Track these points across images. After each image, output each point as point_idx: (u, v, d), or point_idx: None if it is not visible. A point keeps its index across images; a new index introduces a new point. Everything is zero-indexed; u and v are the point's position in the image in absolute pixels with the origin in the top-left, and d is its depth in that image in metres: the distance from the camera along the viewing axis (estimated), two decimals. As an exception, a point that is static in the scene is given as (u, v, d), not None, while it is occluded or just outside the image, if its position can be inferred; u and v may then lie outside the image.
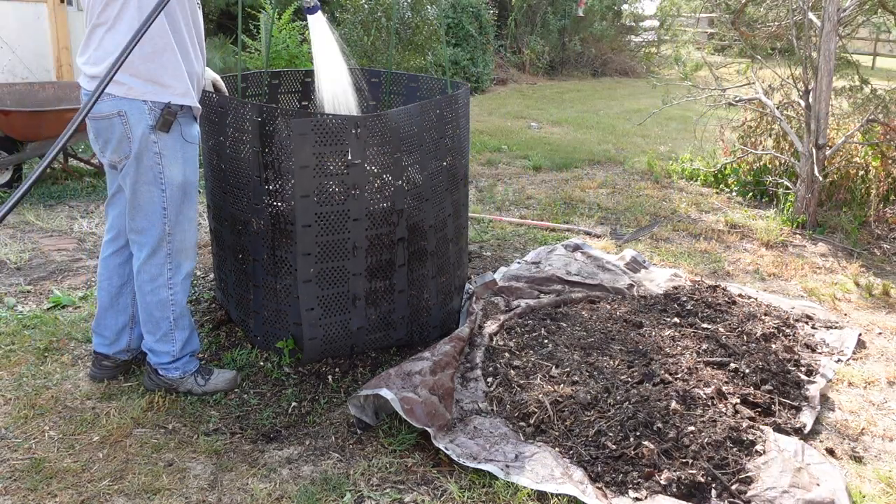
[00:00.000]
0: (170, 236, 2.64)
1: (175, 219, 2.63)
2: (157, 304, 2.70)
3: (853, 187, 5.49)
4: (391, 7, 8.71)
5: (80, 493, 2.26)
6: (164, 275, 2.68)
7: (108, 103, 2.47)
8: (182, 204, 2.64)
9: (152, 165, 2.54)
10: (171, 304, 2.71)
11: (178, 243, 2.67)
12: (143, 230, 2.63)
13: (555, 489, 2.29)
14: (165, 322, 2.73)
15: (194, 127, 2.64)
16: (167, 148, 2.54)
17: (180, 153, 2.58)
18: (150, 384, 2.82)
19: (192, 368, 2.81)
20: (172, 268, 2.69)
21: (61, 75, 6.69)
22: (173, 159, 2.57)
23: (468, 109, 3.34)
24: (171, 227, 2.63)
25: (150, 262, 2.66)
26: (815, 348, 3.35)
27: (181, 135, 2.57)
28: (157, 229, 2.62)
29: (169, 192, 2.59)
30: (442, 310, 3.30)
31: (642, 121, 8.62)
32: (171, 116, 2.49)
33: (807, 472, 2.36)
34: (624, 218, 5.34)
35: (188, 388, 2.80)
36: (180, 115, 2.54)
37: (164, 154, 2.54)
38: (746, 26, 6.34)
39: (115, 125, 2.51)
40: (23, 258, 4.08)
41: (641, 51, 17.81)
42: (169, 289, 2.70)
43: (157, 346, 2.75)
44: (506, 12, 14.65)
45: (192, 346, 2.84)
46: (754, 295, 3.91)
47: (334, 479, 2.36)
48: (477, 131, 8.36)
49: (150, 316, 2.72)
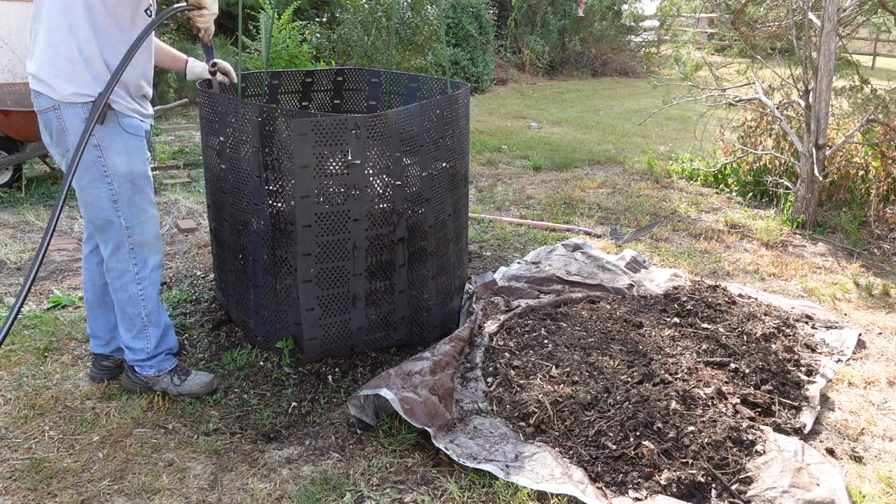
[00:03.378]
0: (128, 230, 2.61)
1: (129, 211, 2.60)
2: (128, 300, 2.68)
3: (853, 187, 5.49)
4: (391, 7, 8.71)
5: (80, 493, 2.26)
6: (131, 270, 2.66)
7: (44, 98, 2.47)
8: (133, 195, 2.60)
9: (93, 159, 2.51)
10: (142, 300, 2.69)
11: (139, 236, 2.64)
12: (101, 227, 2.61)
13: (555, 489, 2.29)
14: (138, 318, 2.71)
15: (135, 119, 2.60)
16: (106, 140, 2.51)
17: (121, 144, 2.54)
18: (128, 383, 2.81)
19: (167, 367, 2.79)
20: (138, 262, 2.66)
21: (61, 75, 6.69)
22: (114, 151, 2.53)
23: (468, 109, 3.34)
24: (127, 221, 2.60)
25: (114, 258, 2.64)
26: (815, 348, 3.35)
27: (119, 125, 2.53)
28: (115, 224, 2.59)
29: (116, 184, 2.55)
30: (442, 310, 3.30)
31: (642, 121, 8.62)
32: (105, 108, 2.43)
33: (807, 472, 2.36)
34: (624, 218, 5.34)
35: (163, 388, 2.78)
36: (114, 105, 2.50)
37: (104, 146, 2.51)
38: (746, 26, 6.34)
39: (52, 119, 2.50)
40: (23, 258, 4.09)
41: (641, 51, 17.82)
42: (137, 283, 2.67)
43: (132, 342, 2.74)
44: (506, 12, 14.66)
45: (168, 343, 2.82)
46: (754, 295, 3.91)
47: (334, 479, 2.36)
48: (477, 131, 8.36)
49: (124, 313, 2.72)
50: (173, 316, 3.41)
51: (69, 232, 4.57)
